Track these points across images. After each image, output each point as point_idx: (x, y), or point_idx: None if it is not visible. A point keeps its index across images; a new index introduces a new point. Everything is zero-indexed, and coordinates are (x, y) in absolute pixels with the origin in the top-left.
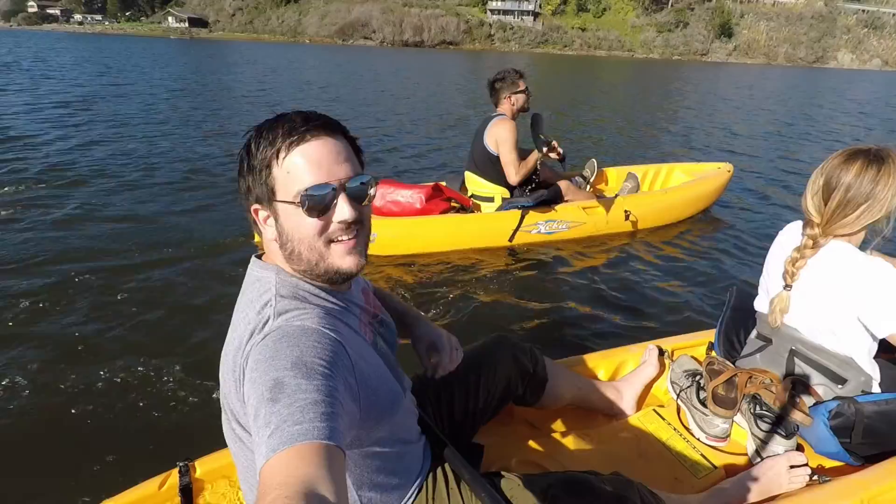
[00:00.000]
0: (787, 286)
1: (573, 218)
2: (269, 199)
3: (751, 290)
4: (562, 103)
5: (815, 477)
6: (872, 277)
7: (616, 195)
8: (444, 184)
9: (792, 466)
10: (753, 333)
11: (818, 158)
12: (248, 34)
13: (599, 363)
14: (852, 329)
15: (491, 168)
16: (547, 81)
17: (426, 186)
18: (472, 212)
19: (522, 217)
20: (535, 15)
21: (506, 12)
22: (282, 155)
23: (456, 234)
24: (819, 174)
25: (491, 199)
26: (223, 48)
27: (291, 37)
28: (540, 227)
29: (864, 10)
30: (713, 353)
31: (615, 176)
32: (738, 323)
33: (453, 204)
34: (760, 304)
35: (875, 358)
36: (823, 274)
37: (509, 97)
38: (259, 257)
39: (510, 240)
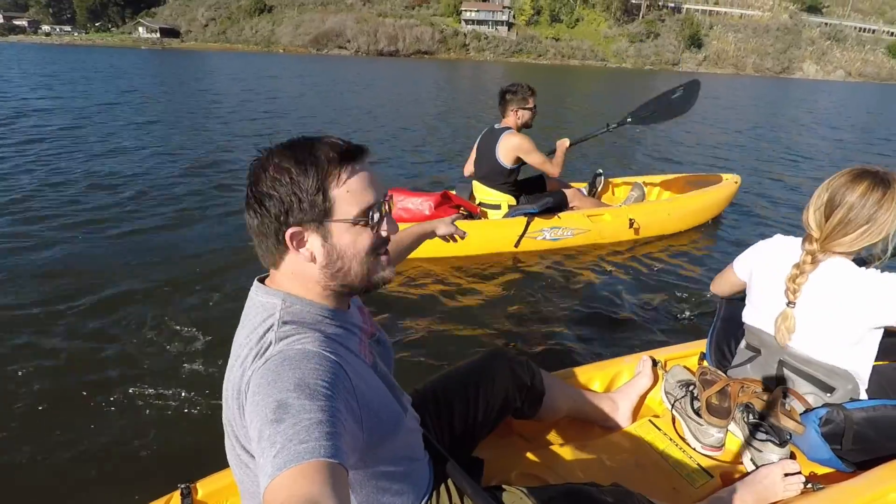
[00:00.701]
0: (791, 303)
1: (578, 225)
2: (321, 219)
3: (740, 301)
4: (551, 114)
5: (809, 485)
6: (877, 283)
7: (621, 204)
8: (453, 192)
9: (787, 474)
10: (743, 344)
11: (822, 174)
12: (220, 44)
13: (594, 375)
14: (863, 340)
15: (500, 178)
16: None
17: (435, 194)
18: (480, 219)
19: (528, 224)
20: (509, 25)
21: (480, 22)
22: (343, 176)
23: (464, 239)
24: (824, 190)
25: (498, 207)
26: (197, 58)
27: (265, 46)
28: (545, 233)
29: (826, 24)
30: (705, 363)
31: (622, 187)
32: (728, 333)
33: (461, 211)
34: (749, 317)
35: None
36: (826, 289)
37: (516, 111)
38: (262, 281)
39: (516, 245)
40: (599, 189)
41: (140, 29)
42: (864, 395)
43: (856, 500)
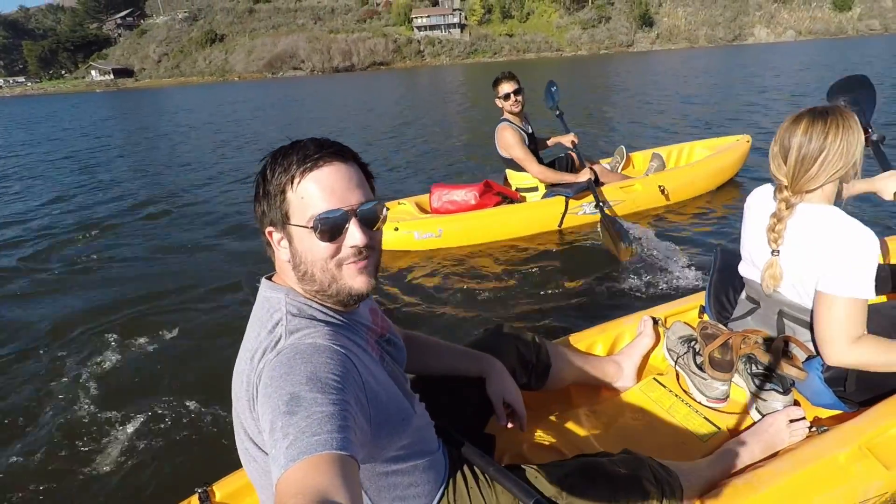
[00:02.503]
0: (775, 251)
1: (613, 197)
2: (283, 222)
3: (736, 250)
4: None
5: (814, 428)
6: (845, 244)
7: (644, 175)
8: (491, 181)
9: (791, 421)
10: (743, 295)
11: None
12: (175, 78)
13: (597, 339)
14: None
15: (513, 165)
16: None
17: (477, 185)
18: (521, 202)
19: (567, 202)
20: (462, 27)
21: (432, 27)
22: (296, 181)
23: (511, 222)
24: (775, 141)
25: (535, 189)
26: (150, 95)
27: (220, 76)
28: (585, 208)
29: None
30: (705, 317)
31: (640, 159)
32: (725, 284)
33: (503, 197)
34: (745, 270)
35: None
36: (806, 234)
37: (498, 103)
38: (269, 279)
39: (560, 224)
40: (623, 161)
41: (93, 72)
42: None
43: (859, 437)
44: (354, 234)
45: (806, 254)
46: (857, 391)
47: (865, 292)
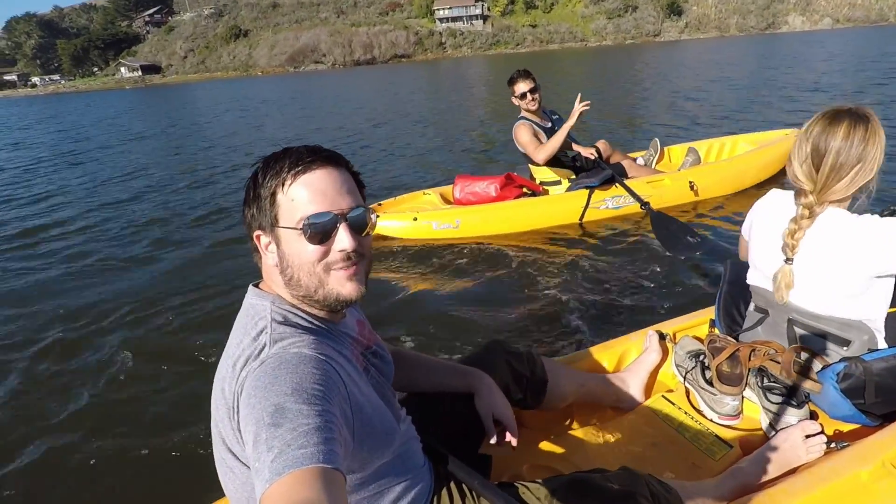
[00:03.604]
0: (789, 259)
1: (639, 192)
2: (271, 225)
3: (745, 262)
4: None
5: (833, 444)
6: (877, 231)
7: (679, 170)
8: (514, 174)
9: (808, 436)
10: (751, 306)
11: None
12: (200, 74)
13: (602, 355)
14: (871, 289)
15: (531, 160)
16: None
17: (499, 177)
18: (543, 195)
19: (590, 195)
20: (484, 18)
21: (454, 19)
22: (287, 183)
23: (530, 215)
24: (804, 140)
25: (559, 182)
26: (177, 92)
27: (244, 71)
28: (608, 202)
29: None
30: (715, 331)
31: (678, 153)
32: (735, 296)
33: (525, 190)
34: (753, 279)
35: None
36: (824, 242)
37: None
38: (255, 286)
39: (581, 217)
40: (657, 155)
41: (122, 69)
42: (882, 345)
43: (883, 453)
44: (343, 239)
45: (829, 262)
46: (878, 403)
47: None
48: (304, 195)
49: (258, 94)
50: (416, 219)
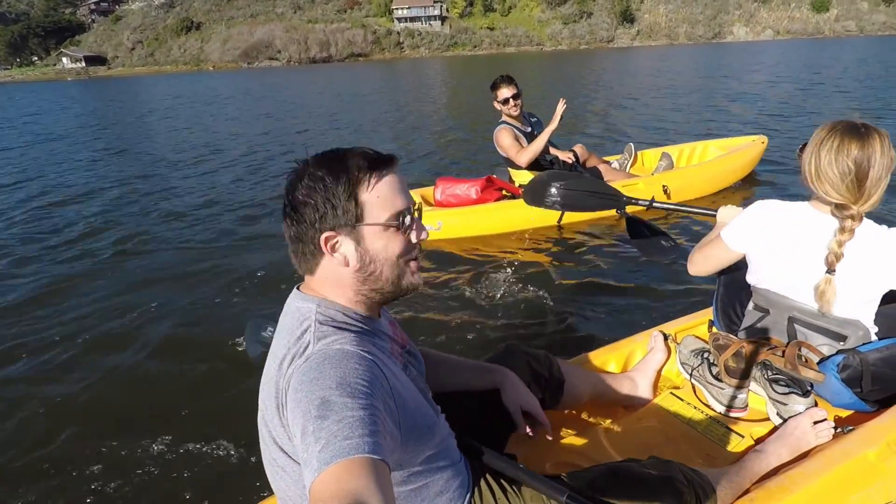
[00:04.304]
0: (832, 270)
1: None
2: (353, 223)
3: (738, 265)
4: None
5: (839, 429)
6: None
7: (652, 174)
8: (495, 176)
9: (815, 422)
10: (750, 305)
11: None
12: (149, 67)
13: (609, 357)
14: (872, 296)
15: (513, 164)
16: (464, 83)
17: (480, 180)
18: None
19: None
20: (443, 19)
21: (412, 19)
22: (373, 181)
23: (510, 218)
24: (842, 156)
25: None
26: (123, 85)
27: (195, 65)
28: None
29: None
30: (714, 330)
31: (651, 157)
32: (731, 297)
33: (505, 193)
34: (756, 279)
35: None
36: (862, 253)
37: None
38: (298, 289)
39: (559, 220)
40: (631, 159)
41: (64, 59)
42: (874, 338)
43: (886, 435)
44: (422, 229)
45: (862, 271)
46: (874, 390)
47: None
48: (390, 192)
49: (209, 90)
50: None
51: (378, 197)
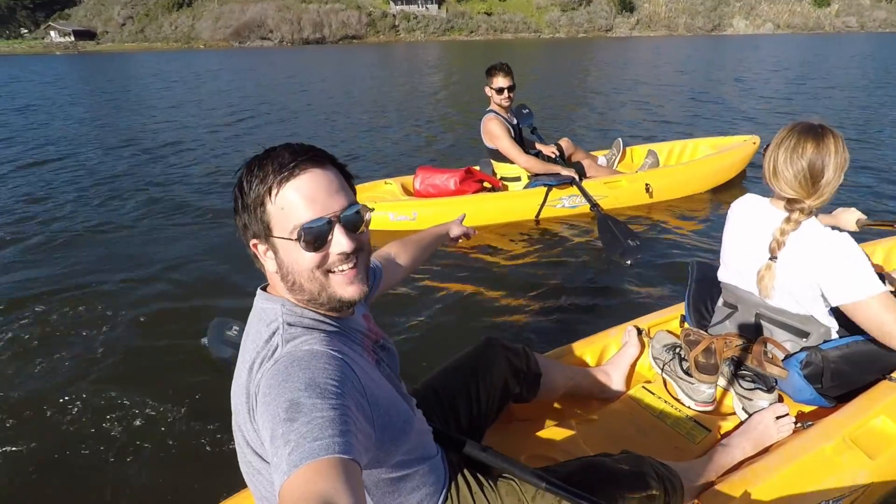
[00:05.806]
0: (774, 257)
1: (596, 193)
2: (266, 234)
3: (711, 262)
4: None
5: (799, 424)
6: (838, 252)
7: (637, 171)
8: (476, 168)
9: (778, 417)
10: (720, 302)
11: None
12: (139, 43)
13: (585, 350)
14: (813, 293)
15: (498, 156)
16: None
17: (459, 171)
18: (502, 191)
19: (547, 193)
20: (439, 3)
21: (409, 2)
22: (274, 191)
23: (488, 210)
24: (796, 156)
25: (518, 179)
26: (113, 62)
27: (185, 43)
28: (564, 201)
29: None
30: (686, 325)
31: (640, 153)
32: (703, 294)
33: (485, 185)
34: (725, 276)
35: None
36: (803, 247)
37: (488, 92)
38: (263, 289)
39: (537, 215)
40: (619, 155)
41: (52, 33)
42: (835, 336)
43: (842, 430)
44: (340, 242)
45: (802, 264)
46: (833, 387)
47: (879, 285)
48: (295, 202)
49: (201, 70)
50: (372, 209)
51: (282, 209)
